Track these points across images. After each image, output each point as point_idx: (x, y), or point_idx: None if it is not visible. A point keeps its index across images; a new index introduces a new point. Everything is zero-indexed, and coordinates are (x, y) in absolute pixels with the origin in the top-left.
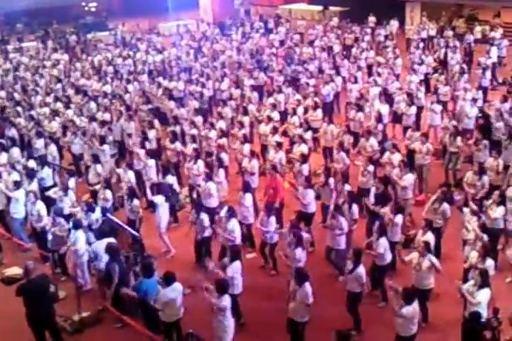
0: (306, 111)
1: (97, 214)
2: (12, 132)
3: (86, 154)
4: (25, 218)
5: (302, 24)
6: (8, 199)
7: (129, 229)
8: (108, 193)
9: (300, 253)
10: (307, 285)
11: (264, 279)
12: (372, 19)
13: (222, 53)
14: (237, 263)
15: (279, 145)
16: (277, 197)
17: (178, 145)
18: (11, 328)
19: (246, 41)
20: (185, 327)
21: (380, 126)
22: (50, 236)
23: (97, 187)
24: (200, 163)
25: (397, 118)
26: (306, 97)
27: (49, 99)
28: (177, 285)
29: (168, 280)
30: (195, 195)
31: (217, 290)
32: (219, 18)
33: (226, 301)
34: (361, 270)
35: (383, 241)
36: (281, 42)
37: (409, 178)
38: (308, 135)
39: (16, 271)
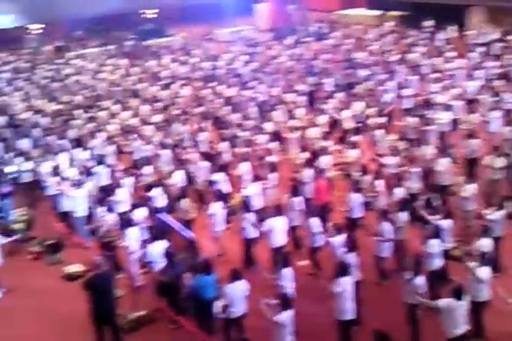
0: (363, 117)
1: (143, 213)
2: (72, 133)
3: (142, 156)
4: (88, 216)
5: (358, 29)
6: (69, 198)
7: (183, 230)
8: (159, 192)
9: (353, 257)
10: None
11: (314, 285)
12: (430, 24)
13: (276, 59)
14: (288, 270)
15: (325, 149)
16: (324, 200)
17: (225, 145)
18: (71, 326)
19: (299, 47)
20: None
21: (436, 133)
22: (101, 233)
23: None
24: (247, 165)
25: (456, 125)
26: (367, 105)
27: (108, 103)
28: (242, 283)
29: (233, 276)
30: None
31: (282, 306)
32: (274, 24)
33: (286, 317)
34: (420, 280)
35: (433, 244)
36: (335, 48)
37: (471, 189)
38: (358, 140)
39: (76, 268)
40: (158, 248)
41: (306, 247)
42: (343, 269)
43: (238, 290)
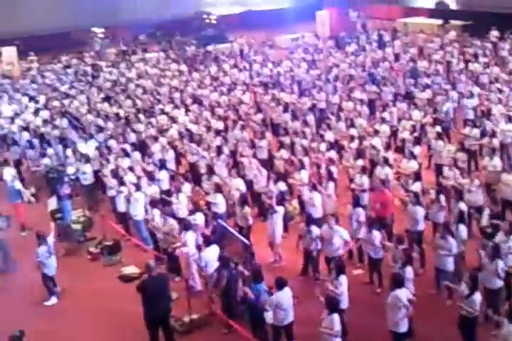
0: (422, 127)
1: (199, 219)
2: (133, 137)
3: (201, 162)
4: (147, 220)
5: (420, 37)
6: (129, 201)
7: (240, 236)
8: (219, 198)
9: (410, 271)
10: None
11: (368, 295)
12: (494, 33)
13: (336, 66)
14: (343, 278)
15: (387, 160)
16: (386, 212)
17: (283, 153)
18: (126, 327)
19: (360, 54)
20: None
21: (499, 144)
22: (160, 236)
23: (211, 194)
24: (305, 173)
25: None
26: (425, 114)
27: (168, 108)
28: (288, 290)
29: (279, 284)
30: None
31: (327, 307)
32: (335, 32)
33: (336, 323)
34: (477, 296)
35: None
36: (397, 56)
37: None
38: (418, 150)
39: (132, 269)
40: (214, 252)
41: (366, 258)
42: (397, 281)
43: (286, 298)
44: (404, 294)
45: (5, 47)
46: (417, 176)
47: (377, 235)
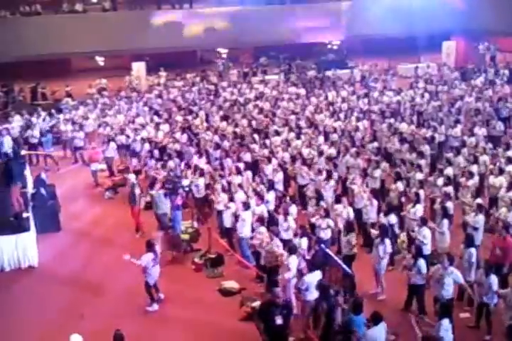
0: None
1: (304, 243)
2: (247, 157)
3: (310, 185)
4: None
5: None
6: (236, 218)
7: (342, 263)
8: (325, 224)
9: None
10: None
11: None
12: None
13: (461, 99)
14: (445, 321)
15: (509, 200)
16: (506, 259)
17: (400, 185)
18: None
19: (488, 88)
20: None
21: None
22: (263, 253)
23: (318, 218)
24: (419, 207)
25: None
26: None
27: (284, 130)
28: (382, 326)
29: (375, 319)
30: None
31: None
32: (462, 63)
33: None
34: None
35: None
36: None
37: None
38: None
39: (232, 284)
40: (315, 278)
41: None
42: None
43: (379, 333)
44: None
45: (135, 62)
46: None
47: (494, 280)
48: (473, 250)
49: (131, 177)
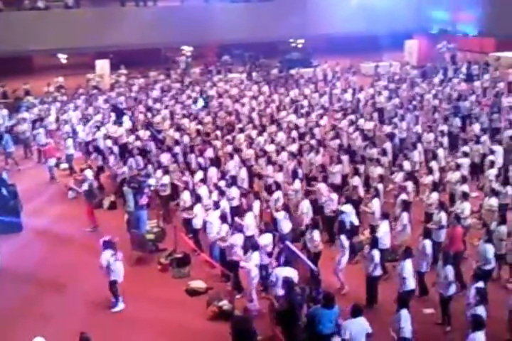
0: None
1: (267, 239)
2: (210, 153)
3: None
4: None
5: (510, 73)
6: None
7: (307, 260)
8: (288, 221)
9: (483, 311)
10: None
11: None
12: None
13: (421, 97)
14: (404, 312)
15: (465, 195)
16: (452, 246)
17: (356, 180)
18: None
19: (446, 86)
20: None
21: None
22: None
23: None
24: (376, 202)
25: None
26: None
27: (248, 127)
28: (363, 319)
29: (355, 312)
30: None
31: None
32: (423, 62)
33: None
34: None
35: None
36: (485, 90)
37: None
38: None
39: (199, 284)
40: (288, 273)
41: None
42: (478, 323)
43: (359, 327)
44: (483, 337)
45: (99, 60)
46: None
47: (450, 271)
48: (427, 241)
49: (88, 173)
